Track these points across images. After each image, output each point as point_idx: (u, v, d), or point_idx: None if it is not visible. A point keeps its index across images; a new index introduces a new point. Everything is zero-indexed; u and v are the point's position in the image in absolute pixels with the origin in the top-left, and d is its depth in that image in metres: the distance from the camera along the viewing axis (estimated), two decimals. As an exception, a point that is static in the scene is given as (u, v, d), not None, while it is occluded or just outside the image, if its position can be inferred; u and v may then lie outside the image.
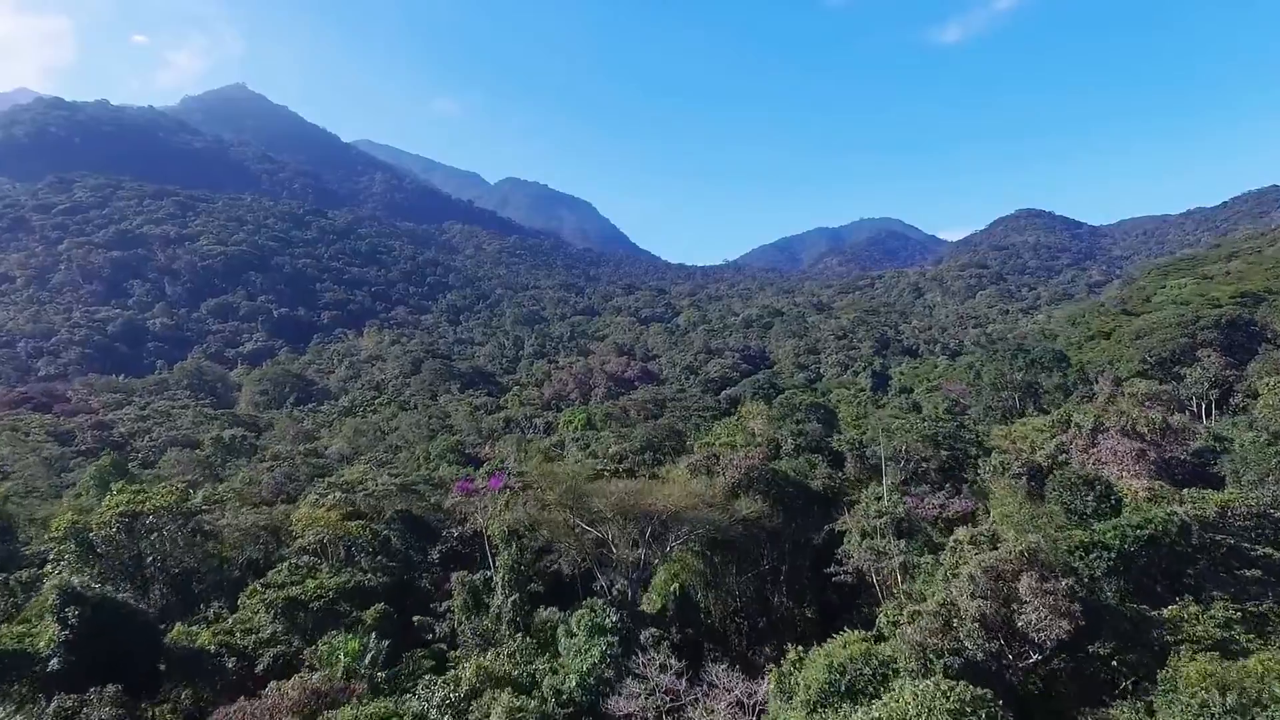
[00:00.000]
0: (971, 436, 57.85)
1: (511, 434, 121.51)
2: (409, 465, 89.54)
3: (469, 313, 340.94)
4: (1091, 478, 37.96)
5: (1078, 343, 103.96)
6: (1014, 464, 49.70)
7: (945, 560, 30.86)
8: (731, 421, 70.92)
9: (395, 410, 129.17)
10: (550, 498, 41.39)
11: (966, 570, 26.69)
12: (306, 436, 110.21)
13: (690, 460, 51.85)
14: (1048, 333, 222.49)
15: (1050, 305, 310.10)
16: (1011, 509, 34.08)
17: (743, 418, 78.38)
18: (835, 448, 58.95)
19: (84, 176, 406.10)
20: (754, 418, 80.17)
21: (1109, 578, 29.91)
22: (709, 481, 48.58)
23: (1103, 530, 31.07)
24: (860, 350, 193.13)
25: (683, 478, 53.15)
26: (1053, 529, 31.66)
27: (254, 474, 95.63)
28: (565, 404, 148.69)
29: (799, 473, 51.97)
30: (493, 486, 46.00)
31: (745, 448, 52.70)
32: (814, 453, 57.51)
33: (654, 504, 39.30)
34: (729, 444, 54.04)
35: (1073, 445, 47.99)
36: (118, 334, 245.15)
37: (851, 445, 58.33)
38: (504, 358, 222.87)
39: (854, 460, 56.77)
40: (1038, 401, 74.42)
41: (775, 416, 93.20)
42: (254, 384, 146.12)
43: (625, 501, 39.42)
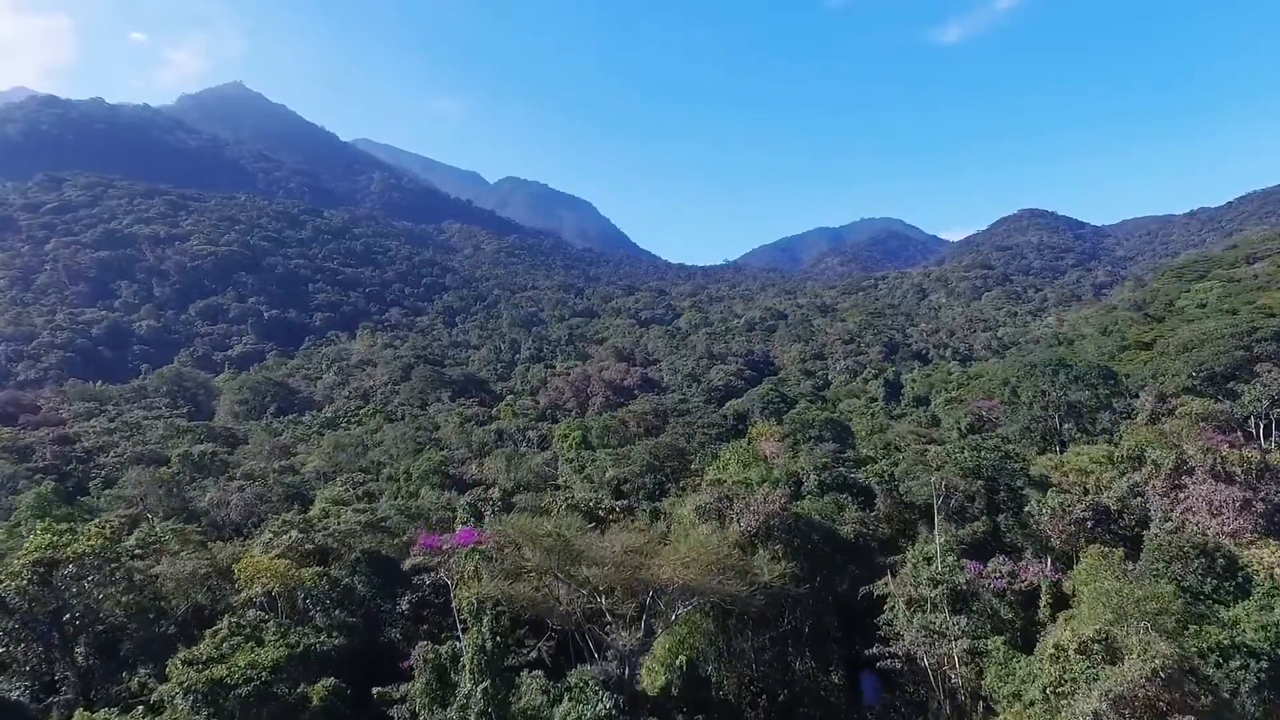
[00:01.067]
0: (1018, 467, 50.55)
1: (503, 448, 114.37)
2: (388, 487, 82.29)
3: (465, 314, 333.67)
4: (1208, 546, 30.91)
5: (1110, 353, 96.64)
6: (1076, 506, 42.44)
7: (1042, 669, 23.76)
8: (742, 445, 63.73)
9: (380, 422, 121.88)
10: (531, 561, 34.11)
11: (1088, 705, 19.59)
12: (283, 452, 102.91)
13: (699, 500, 44.64)
14: (1060, 337, 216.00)
15: (1058, 307, 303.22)
16: (1108, 585, 27.07)
17: (753, 439, 71.28)
18: (863, 481, 51.74)
19: (75, 175, 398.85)
20: (765, 438, 73.05)
21: (1256, 693, 22.87)
22: (720, 529, 41.36)
23: (1245, 626, 24.07)
24: (868, 355, 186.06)
25: (689, 519, 45.97)
26: (1171, 620, 24.58)
27: (222, 495, 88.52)
28: (561, 414, 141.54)
29: (825, 515, 44.86)
30: (461, 542, 38.90)
31: (762, 484, 45.44)
32: (840, 490, 50.26)
33: (657, 575, 32.08)
34: (743, 481, 46.77)
35: (1149, 487, 40.76)
36: (102, 337, 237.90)
37: (881, 478, 51.15)
38: (499, 362, 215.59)
39: (886, 497, 49.61)
40: (1079, 422, 67.31)
41: (787, 434, 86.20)
42: (233, 393, 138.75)
43: (621, 574, 32.20)
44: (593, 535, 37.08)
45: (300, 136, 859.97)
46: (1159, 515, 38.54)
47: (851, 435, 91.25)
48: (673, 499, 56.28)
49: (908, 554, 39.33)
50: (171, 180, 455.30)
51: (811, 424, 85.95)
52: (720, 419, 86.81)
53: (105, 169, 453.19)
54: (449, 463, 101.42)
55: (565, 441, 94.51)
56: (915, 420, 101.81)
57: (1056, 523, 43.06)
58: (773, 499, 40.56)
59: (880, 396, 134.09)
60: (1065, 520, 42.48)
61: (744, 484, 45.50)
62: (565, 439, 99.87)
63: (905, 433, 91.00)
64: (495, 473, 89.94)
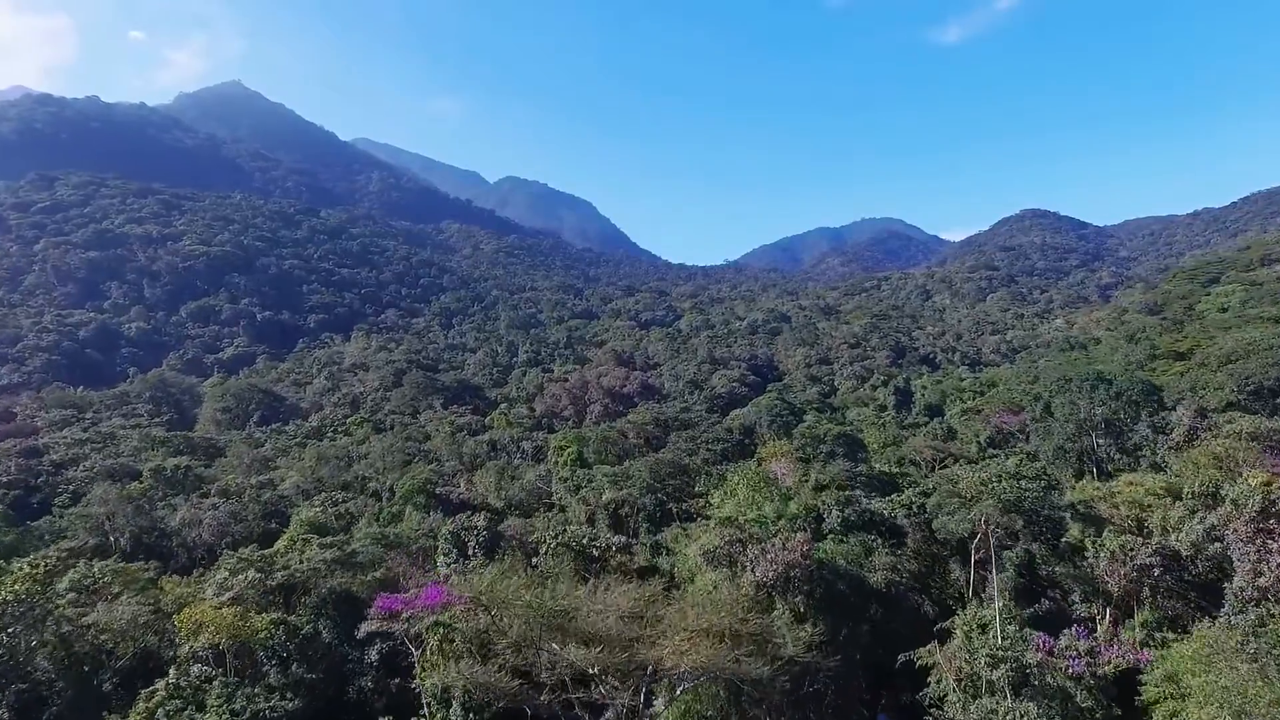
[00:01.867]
0: (1062, 500, 45.04)
1: (496, 460, 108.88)
2: (369, 506, 76.76)
3: (463, 316, 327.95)
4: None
5: (1138, 362, 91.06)
6: (1140, 550, 36.89)
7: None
8: (751, 468, 58.20)
9: (368, 432, 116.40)
10: (508, 632, 28.58)
11: None
12: (263, 465, 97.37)
13: (707, 543, 39.09)
14: (1072, 341, 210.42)
15: (1064, 309, 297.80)
16: (1227, 681, 21.66)
17: (763, 459, 65.78)
18: (889, 514, 46.21)
19: (67, 174, 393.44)
20: (776, 458, 67.52)
21: None
22: (732, 576, 35.83)
23: None
24: (875, 360, 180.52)
25: (694, 560, 40.44)
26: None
27: (194, 514, 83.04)
28: (559, 422, 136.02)
29: (852, 560, 39.42)
30: (427, 604, 33.39)
31: (779, 520, 39.87)
32: (866, 528, 44.72)
33: (659, 656, 26.59)
34: (757, 519, 41.23)
35: (1229, 529, 35.21)
36: (90, 339, 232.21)
37: (909, 509, 45.62)
38: (496, 366, 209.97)
39: (916, 531, 44.13)
40: (1118, 441, 61.77)
41: (798, 449, 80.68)
42: (215, 400, 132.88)
43: (615, 656, 26.71)
44: (582, 593, 31.53)
45: (298, 136, 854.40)
46: (1245, 566, 33.08)
47: (864, 449, 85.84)
48: (675, 531, 50.67)
49: (957, 620, 33.77)
50: (167, 180, 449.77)
51: (823, 438, 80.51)
52: (725, 433, 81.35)
53: (100, 168, 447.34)
54: (437, 478, 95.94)
55: (560, 456, 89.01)
56: (930, 433, 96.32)
57: (1116, 567, 37.52)
58: (793, 545, 35.05)
59: (890, 405, 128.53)
60: (1127, 566, 36.91)
61: (758, 522, 39.92)
62: (561, 453, 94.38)
63: (922, 447, 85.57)
64: (485, 490, 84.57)
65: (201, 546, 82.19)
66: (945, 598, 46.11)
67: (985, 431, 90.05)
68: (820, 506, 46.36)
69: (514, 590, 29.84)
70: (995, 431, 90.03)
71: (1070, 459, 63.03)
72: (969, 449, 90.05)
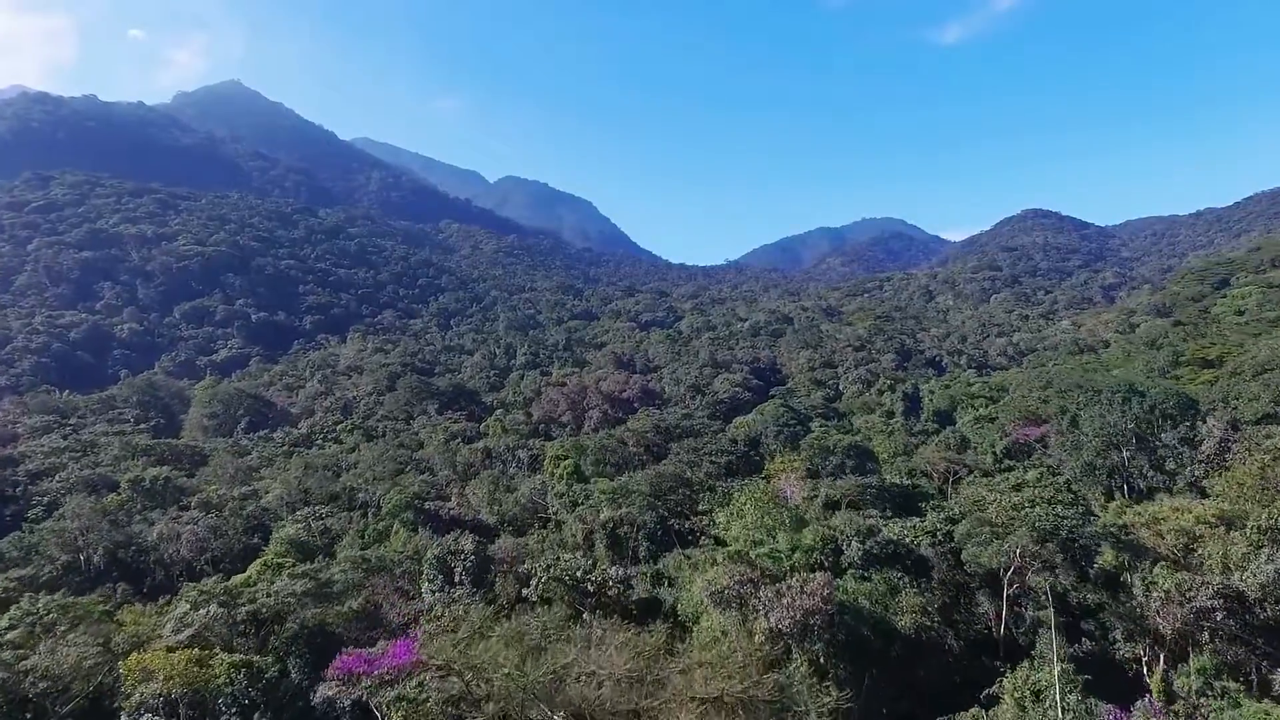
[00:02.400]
0: (1097, 528, 41.10)
1: (490, 469, 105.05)
2: (354, 523, 72.85)
3: (461, 317, 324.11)
4: None
5: (1161, 369, 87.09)
6: (1200, 591, 32.96)
7: None
8: (759, 488, 54.25)
9: (358, 439, 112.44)
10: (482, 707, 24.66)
11: None
12: (247, 475, 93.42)
13: (715, 581, 35.16)
14: (1080, 344, 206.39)
15: (1069, 310, 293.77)
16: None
17: (771, 475, 61.85)
18: (911, 543, 42.27)
19: (63, 173, 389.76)
20: (784, 474, 63.60)
21: None
22: (743, 621, 31.91)
23: None
24: (880, 363, 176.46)
25: (699, 598, 36.51)
26: None
27: (172, 528, 79.24)
28: (556, 428, 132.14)
29: (876, 600, 35.53)
30: (394, 662, 29.51)
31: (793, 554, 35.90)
32: (890, 562, 40.81)
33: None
34: (770, 554, 37.30)
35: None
36: (81, 341, 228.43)
37: (934, 537, 41.70)
38: (493, 369, 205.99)
39: (941, 561, 40.19)
40: (1153, 458, 57.80)
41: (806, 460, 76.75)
42: (203, 405, 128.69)
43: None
44: (573, 650, 27.54)
45: (297, 135, 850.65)
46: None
47: (874, 460, 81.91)
48: (678, 558, 46.68)
49: (1005, 683, 29.85)
50: (165, 179, 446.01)
51: (832, 450, 76.61)
52: (730, 444, 77.44)
53: (97, 167, 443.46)
54: (429, 489, 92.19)
55: (557, 469, 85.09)
56: (943, 442, 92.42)
57: (1171, 609, 33.57)
58: (813, 588, 31.15)
59: (899, 412, 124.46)
60: (1185, 608, 32.95)
61: (771, 557, 35.99)
62: (557, 465, 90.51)
63: (935, 458, 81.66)
64: (478, 504, 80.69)
65: (179, 563, 78.38)
66: (972, 633, 42.19)
67: (1001, 442, 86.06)
68: (838, 537, 42.42)
69: (493, 654, 25.86)
70: (1013, 443, 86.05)
71: (1100, 476, 59.06)
72: (984, 459, 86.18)
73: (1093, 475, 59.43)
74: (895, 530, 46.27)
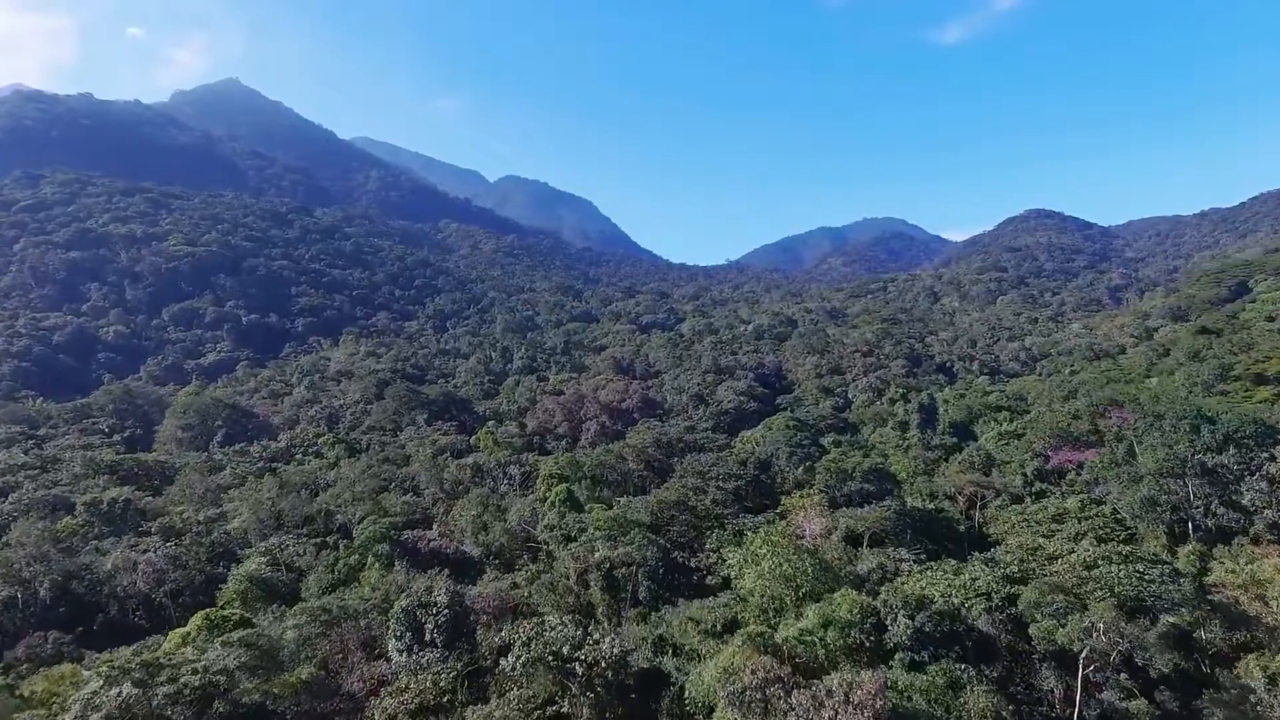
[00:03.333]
0: (1187, 591, 34.29)
1: (481, 486, 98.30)
2: (324, 556, 66.05)
3: (457, 318, 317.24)
4: None
5: (1205, 383, 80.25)
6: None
7: None
8: (775, 531, 47.47)
9: (340, 454, 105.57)
10: None
11: None
12: (216, 495, 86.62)
13: (731, 679, 28.46)
14: (1096, 349, 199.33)
15: (1077, 312, 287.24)
16: None
17: (787, 511, 55.15)
18: (966, 612, 35.50)
19: (53, 172, 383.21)
20: (804, 510, 56.82)
21: None
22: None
23: None
24: (890, 369, 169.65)
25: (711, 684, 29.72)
26: None
27: (128, 557, 72.52)
28: (551, 439, 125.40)
29: (934, 697, 28.82)
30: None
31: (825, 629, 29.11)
32: (946, 643, 34.02)
33: None
34: (801, 639, 30.52)
35: None
36: (64, 344, 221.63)
37: (989, 600, 34.90)
38: (488, 373, 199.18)
39: (1002, 633, 33.44)
40: (1224, 493, 51.02)
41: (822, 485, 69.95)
42: (177, 416, 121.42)
43: None
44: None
45: (296, 134, 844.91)
46: None
47: (895, 483, 75.12)
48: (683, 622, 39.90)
49: None
50: (160, 178, 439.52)
51: (850, 474, 69.87)
52: (739, 467, 70.73)
53: (90, 166, 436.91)
54: (413, 510, 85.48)
55: (550, 494, 78.29)
56: (966, 461, 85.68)
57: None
58: (860, 697, 24.37)
59: (914, 424, 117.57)
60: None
61: (802, 641, 29.23)
62: (550, 486, 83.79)
63: (961, 481, 74.90)
64: (463, 530, 73.84)
65: (136, 597, 71.70)
66: (1036, 715, 35.39)
67: (1032, 462, 79.29)
68: (881, 609, 35.61)
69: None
70: (1043, 462, 79.33)
71: (1162, 513, 52.24)
72: (1013, 481, 79.55)
73: (1153, 512, 52.60)
74: (941, 586, 39.45)
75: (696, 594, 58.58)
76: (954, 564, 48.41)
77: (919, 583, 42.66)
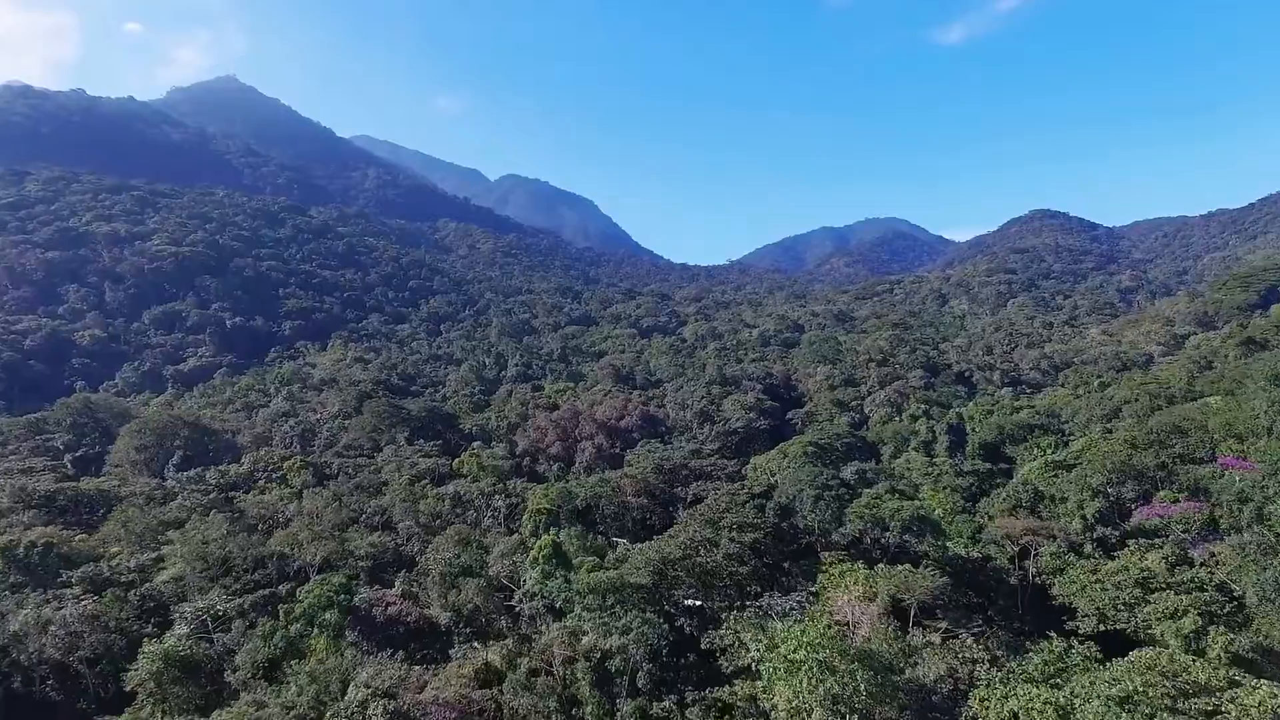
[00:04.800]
0: None
1: (462, 519, 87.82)
2: (265, 622, 55.34)
3: (452, 321, 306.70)
4: None
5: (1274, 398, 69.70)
6: None
7: None
8: (818, 626, 36.89)
9: (307, 479, 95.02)
10: None
11: None
12: (156, 534, 75.87)
13: None
14: (1123, 358, 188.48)
15: (1091, 316, 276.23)
16: None
17: (824, 589, 44.65)
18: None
19: (39, 169, 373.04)
20: (842, 588, 46.22)
21: None
22: None
23: None
24: (908, 381, 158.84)
25: None
26: None
27: (38, 617, 61.90)
28: (543, 460, 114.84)
29: None
30: None
31: None
32: None
33: None
34: None
35: None
36: (36, 349, 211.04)
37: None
38: (480, 382, 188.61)
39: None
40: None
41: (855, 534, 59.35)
42: (131, 435, 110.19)
43: None
44: None
45: (293, 131, 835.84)
46: None
47: (938, 531, 64.40)
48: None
49: None
50: (151, 175, 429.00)
51: (888, 524, 59.25)
52: (756, 514, 60.17)
53: (79, 163, 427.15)
54: (382, 553, 74.93)
55: (536, 533, 67.73)
56: (1011, 498, 74.96)
57: None
58: None
59: (942, 448, 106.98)
60: None
61: None
62: (538, 524, 73.25)
63: (1017, 531, 64.11)
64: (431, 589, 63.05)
65: (46, 664, 61.13)
66: None
67: (1091, 503, 68.70)
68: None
69: None
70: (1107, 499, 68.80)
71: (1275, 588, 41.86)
72: (1070, 524, 68.89)
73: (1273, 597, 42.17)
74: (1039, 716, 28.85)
75: (708, 678, 48.20)
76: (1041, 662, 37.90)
77: (1006, 704, 32.19)
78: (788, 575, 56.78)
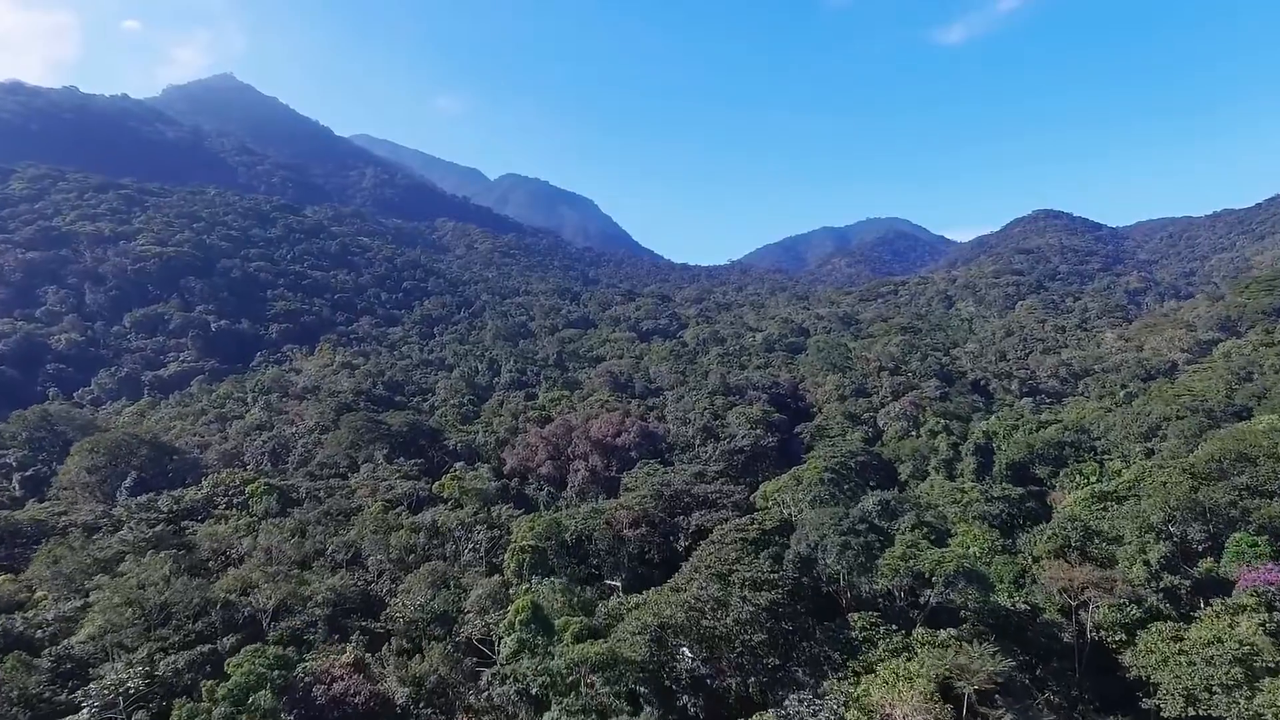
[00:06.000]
0: None
1: (439, 553, 78.86)
2: (185, 708, 46.29)
3: (446, 324, 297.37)
4: None
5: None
6: None
7: None
8: None
9: (271, 505, 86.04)
10: None
11: None
12: (88, 576, 66.84)
13: None
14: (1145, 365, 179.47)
15: (1102, 319, 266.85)
16: None
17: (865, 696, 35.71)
18: None
19: (25, 166, 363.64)
20: (893, 688, 37.18)
21: None
22: None
23: None
24: (923, 391, 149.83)
25: None
26: None
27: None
28: (532, 481, 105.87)
29: None
30: None
31: None
32: None
33: None
34: None
35: None
36: (9, 354, 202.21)
37: None
38: (472, 389, 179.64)
39: None
40: None
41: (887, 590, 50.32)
42: (82, 455, 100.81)
43: None
44: None
45: (290, 130, 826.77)
46: None
47: (985, 584, 55.36)
48: None
49: None
50: (143, 174, 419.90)
51: (930, 578, 50.32)
52: (773, 567, 51.19)
53: (70, 161, 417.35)
54: (344, 598, 65.90)
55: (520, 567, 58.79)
56: (1057, 536, 65.91)
57: None
58: None
59: (969, 470, 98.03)
60: None
61: None
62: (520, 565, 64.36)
63: (1076, 582, 55.11)
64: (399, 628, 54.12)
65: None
66: None
67: (1156, 546, 59.74)
68: None
69: None
70: (1172, 546, 59.85)
71: None
72: (1130, 570, 59.92)
73: None
74: None
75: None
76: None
77: None
78: (811, 641, 47.72)
